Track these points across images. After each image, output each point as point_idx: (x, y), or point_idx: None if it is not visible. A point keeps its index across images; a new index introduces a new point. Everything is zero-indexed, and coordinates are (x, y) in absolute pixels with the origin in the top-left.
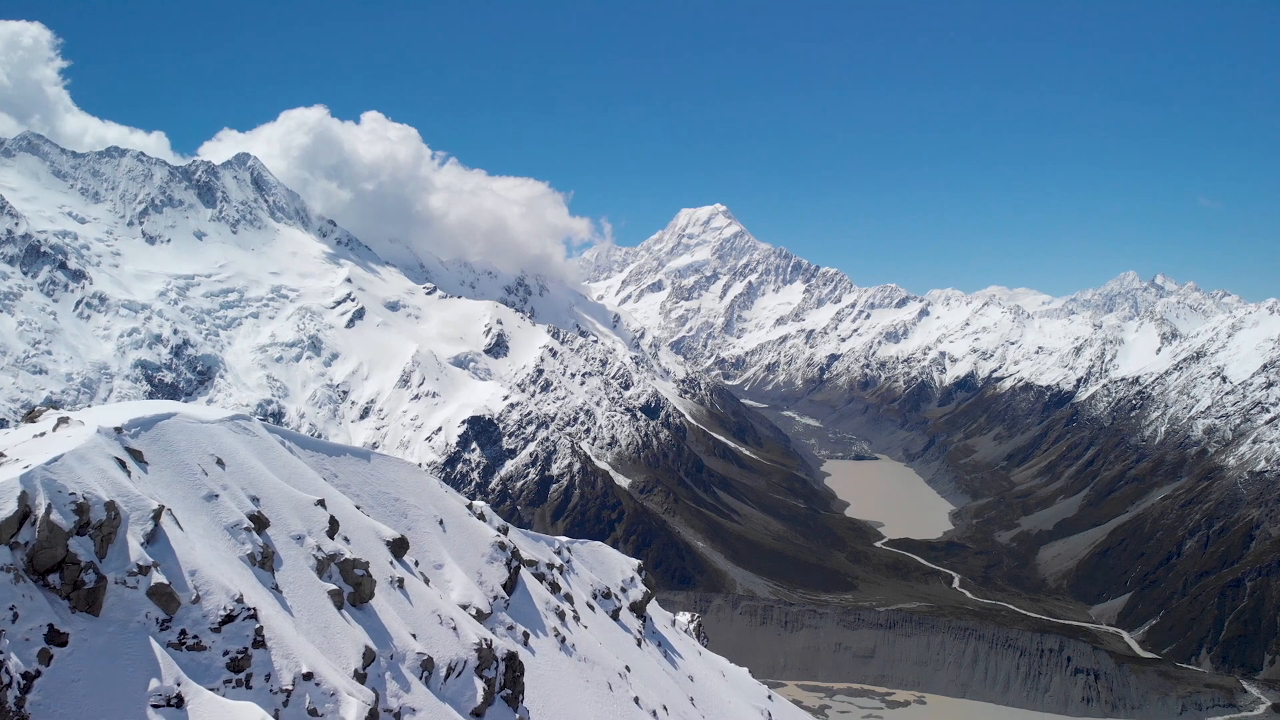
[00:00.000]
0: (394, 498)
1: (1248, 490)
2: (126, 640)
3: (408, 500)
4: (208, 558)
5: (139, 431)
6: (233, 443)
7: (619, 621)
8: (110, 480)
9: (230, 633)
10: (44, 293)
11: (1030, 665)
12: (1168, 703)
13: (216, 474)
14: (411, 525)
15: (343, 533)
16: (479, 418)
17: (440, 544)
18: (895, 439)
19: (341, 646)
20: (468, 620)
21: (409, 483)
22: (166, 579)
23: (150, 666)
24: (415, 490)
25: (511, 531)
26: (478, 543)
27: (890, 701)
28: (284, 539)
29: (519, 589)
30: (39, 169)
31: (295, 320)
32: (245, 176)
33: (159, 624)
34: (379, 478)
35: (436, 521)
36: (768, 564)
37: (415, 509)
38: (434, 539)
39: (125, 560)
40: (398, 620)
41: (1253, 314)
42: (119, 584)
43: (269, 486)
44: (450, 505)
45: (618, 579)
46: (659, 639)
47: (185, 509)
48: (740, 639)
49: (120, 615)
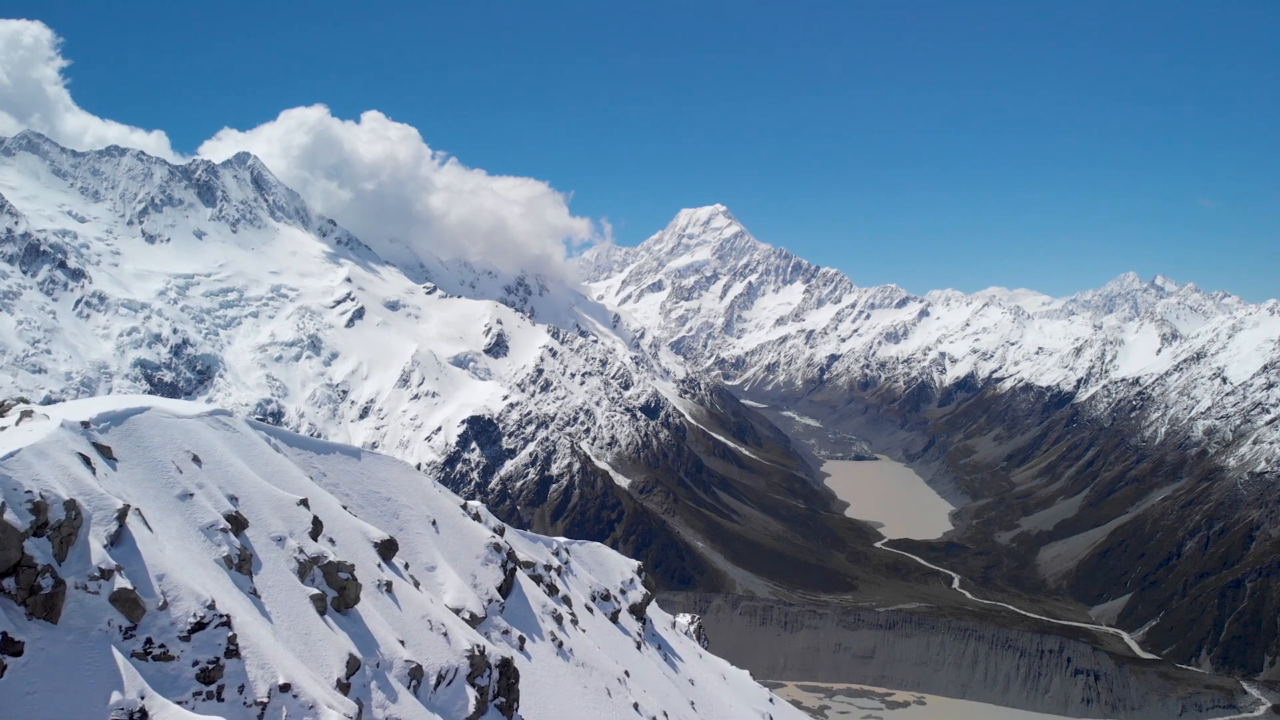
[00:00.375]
0: (385, 497)
1: (1248, 491)
2: (87, 650)
3: (400, 500)
4: (178, 561)
5: (109, 426)
6: (211, 439)
7: (618, 624)
8: (72, 477)
9: (200, 641)
10: (43, 292)
11: (1030, 666)
12: (1168, 704)
13: (192, 471)
14: (403, 526)
15: (327, 534)
16: (479, 417)
17: (433, 545)
18: (895, 439)
19: (324, 655)
20: (460, 625)
21: (401, 482)
22: (131, 584)
23: (112, 678)
24: (408, 490)
25: (508, 532)
26: (472, 544)
27: (890, 702)
28: (264, 541)
29: (515, 591)
30: (39, 168)
31: (295, 320)
32: (245, 176)
33: (122, 632)
34: (370, 477)
35: (429, 522)
36: (767, 564)
37: (407, 509)
38: (426, 540)
39: (86, 564)
40: (385, 626)
41: (1253, 315)
42: (79, 589)
43: (249, 485)
44: (444, 505)
45: (617, 581)
46: (659, 641)
47: (157, 509)
48: (740, 639)
49: (80, 623)
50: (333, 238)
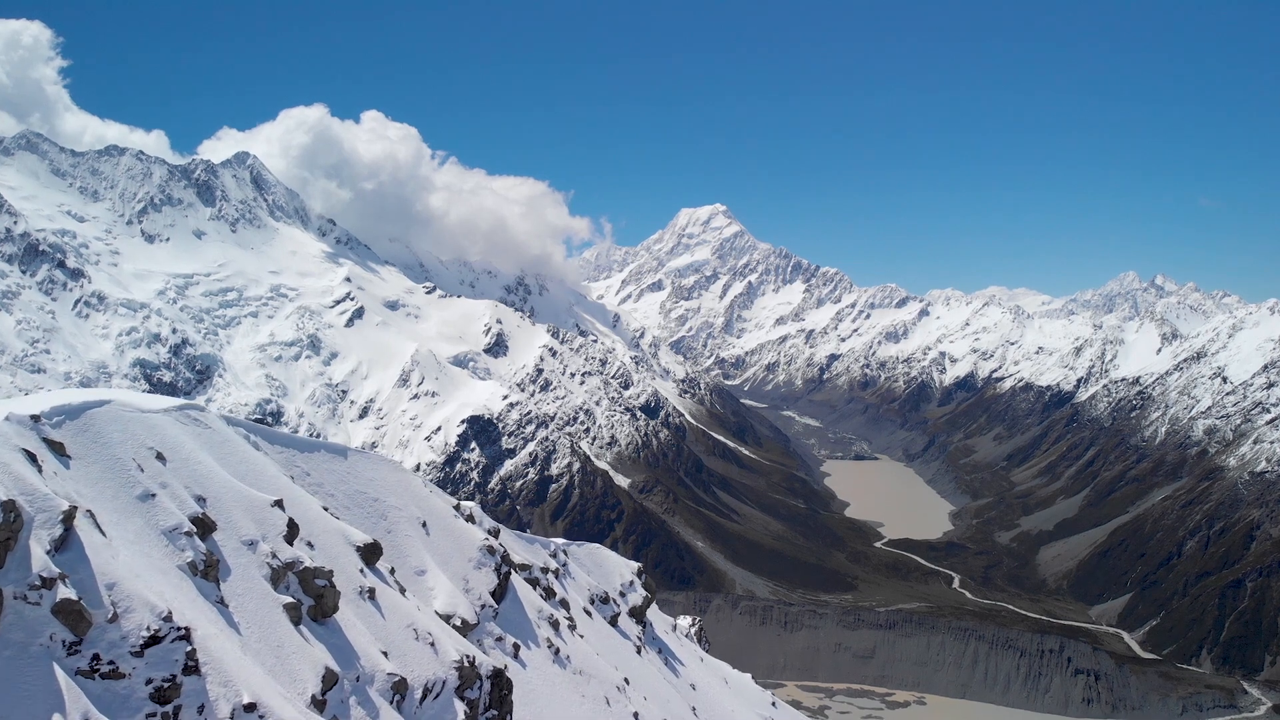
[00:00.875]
0: (372, 498)
1: (1248, 491)
2: (26, 667)
3: (388, 501)
4: (134, 568)
5: (63, 420)
6: (178, 435)
7: (618, 628)
8: (13, 476)
9: (155, 657)
10: (42, 291)
11: (1030, 666)
12: (1168, 704)
13: (155, 470)
14: (391, 528)
15: (305, 537)
16: (478, 417)
17: (423, 548)
18: (895, 439)
19: (297, 669)
20: (449, 634)
21: (390, 482)
22: (76, 594)
23: (53, 699)
24: (396, 490)
25: (503, 534)
26: (465, 547)
27: (890, 702)
28: (233, 545)
29: (509, 596)
30: (38, 167)
31: (294, 319)
32: (245, 175)
33: (66, 647)
34: (357, 476)
35: (419, 524)
36: (767, 564)
37: (396, 510)
38: (416, 543)
39: (27, 571)
40: (366, 636)
41: (1253, 314)
42: (18, 600)
43: (219, 485)
44: (435, 506)
45: (616, 583)
46: (659, 645)
47: (113, 510)
48: (740, 639)
49: (19, 637)
50: (332, 237)
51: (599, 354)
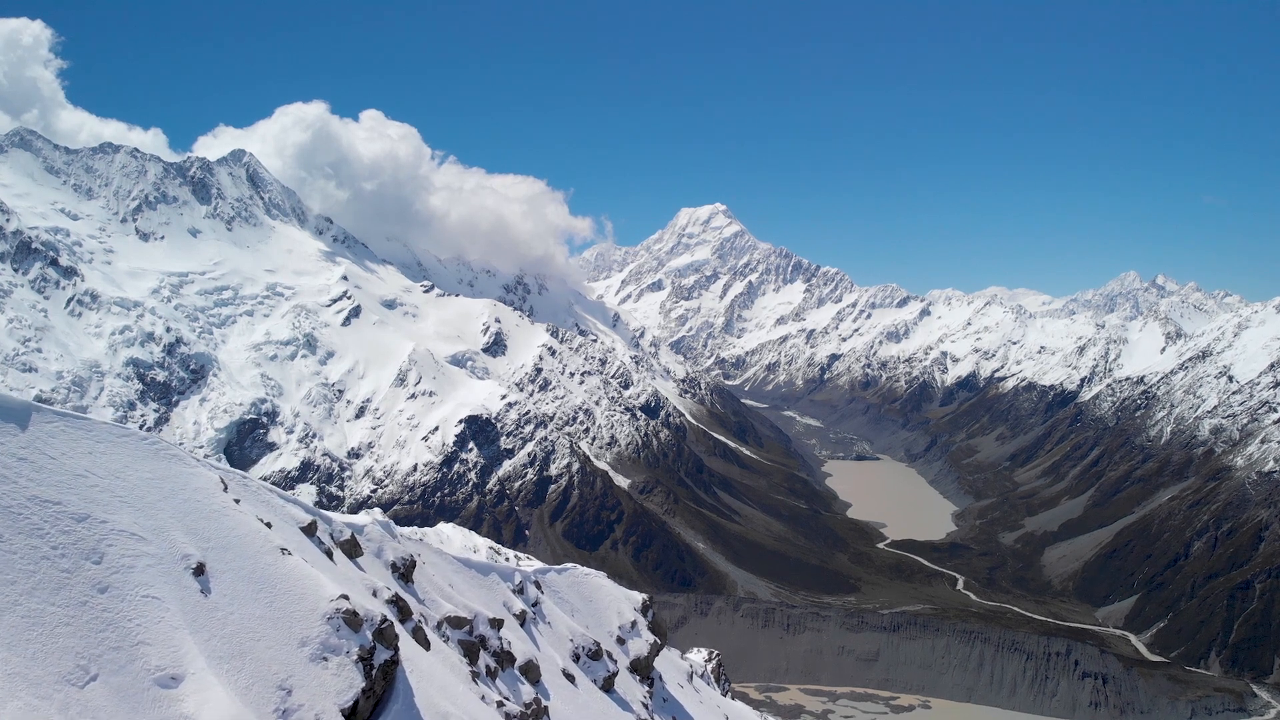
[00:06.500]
0: (74, 515)
1: (1256, 491)
2: None
3: (114, 520)
4: None
5: None
6: None
7: (613, 695)
8: None
9: None
10: (35, 290)
11: (1037, 669)
12: (1177, 707)
13: None
14: (108, 584)
15: None
16: (476, 417)
17: (184, 623)
18: (897, 439)
19: None
20: None
21: (127, 471)
22: None
23: None
24: (139, 488)
25: (438, 558)
26: (296, 616)
27: (895, 706)
28: None
29: (399, 699)
30: (31, 165)
31: (290, 318)
32: (241, 173)
33: None
34: (43, 468)
35: (187, 566)
36: (769, 565)
37: (133, 540)
38: (171, 611)
39: None
40: None
41: (1259, 313)
42: None
43: None
44: (239, 526)
45: (613, 624)
46: (673, 710)
47: None
48: (742, 642)
49: None
50: (329, 236)
51: (599, 353)
